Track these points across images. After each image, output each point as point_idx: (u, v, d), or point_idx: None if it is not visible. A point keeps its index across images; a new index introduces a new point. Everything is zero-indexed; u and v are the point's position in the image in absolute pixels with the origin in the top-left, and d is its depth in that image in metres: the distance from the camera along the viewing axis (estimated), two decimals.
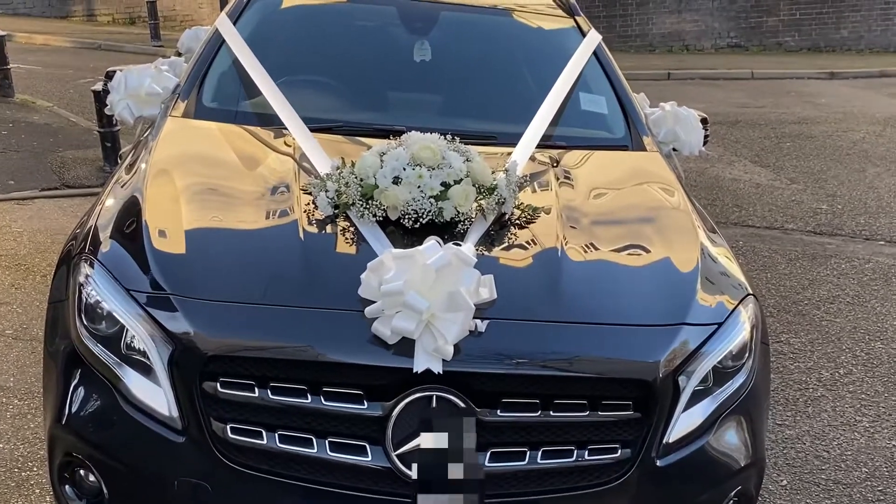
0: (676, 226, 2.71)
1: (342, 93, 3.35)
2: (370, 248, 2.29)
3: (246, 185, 2.62)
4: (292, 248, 2.31)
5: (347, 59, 3.43)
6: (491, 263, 2.33)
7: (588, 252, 2.45)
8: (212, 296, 2.14)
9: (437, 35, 3.56)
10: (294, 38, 3.56)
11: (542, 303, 2.24)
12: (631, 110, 3.37)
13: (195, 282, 2.18)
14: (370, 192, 2.42)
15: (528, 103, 3.22)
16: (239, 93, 3.21)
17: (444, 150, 2.50)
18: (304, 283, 2.20)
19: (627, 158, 3.20)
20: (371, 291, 2.12)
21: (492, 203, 2.48)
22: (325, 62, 3.45)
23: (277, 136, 2.97)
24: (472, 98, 3.41)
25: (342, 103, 3.31)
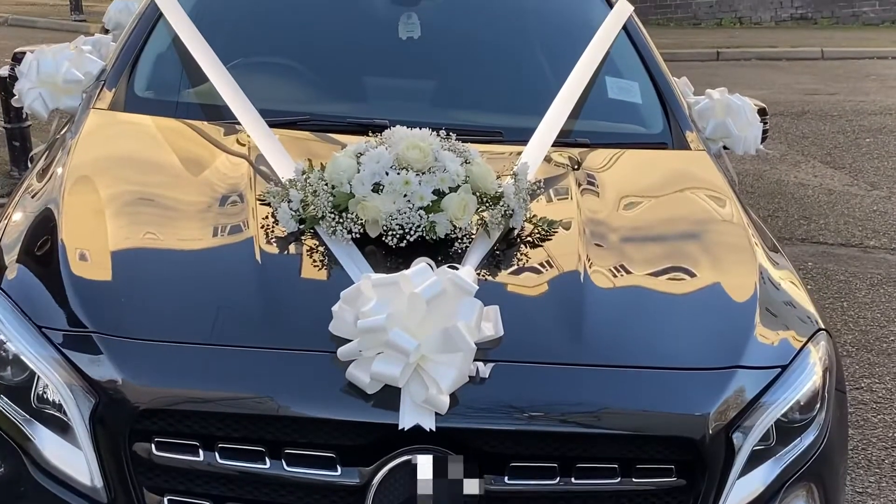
0: (729, 243, 2.72)
1: (309, 78, 3.36)
2: (344, 274, 2.29)
3: (188, 194, 2.62)
4: (246, 274, 2.31)
5: (315, 37, 3.45)
6: (496, 291, 2.33)
7: (617, 277, 2.46)
8: (145, 334, 2.14)
9: (427, 6, 3.58)
10: (249, 10, 3.58)
11: (561, 341, 2.24)
12: (670, 99, 3.38)
13: (124, 317, 2.18)
14: (344, 203, 2.42)
15: (541, 91, 3.23)
16: (180, 79, 3.22)
17: (437, 150, 2.50)
18: (261, 317, 2.20)
19: (666, 159, 3.20)
20: (345, 328, 2.11)
21: (497, 216, 2.48)
22: (288, 40, 3.46)
23: (228, 132, 2.98)
24: (472, 84, 3.41)
25: (309, 92, 3.31)
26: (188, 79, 3.20)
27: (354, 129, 2.93)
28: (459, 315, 2.10)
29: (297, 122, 3.03)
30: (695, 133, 3.33)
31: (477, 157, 2.56)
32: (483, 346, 2.13)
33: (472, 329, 2.10)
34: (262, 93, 3.08)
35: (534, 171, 2.74)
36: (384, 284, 2.13)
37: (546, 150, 2.94)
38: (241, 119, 2.93)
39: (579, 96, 3.18)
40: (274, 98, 3.17)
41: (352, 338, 2.09)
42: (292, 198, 2.46)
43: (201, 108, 3.12)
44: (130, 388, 2.07)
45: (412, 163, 2.45)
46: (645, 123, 3.35)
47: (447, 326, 2.07)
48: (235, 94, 3.01)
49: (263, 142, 2.80)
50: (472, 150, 2.57)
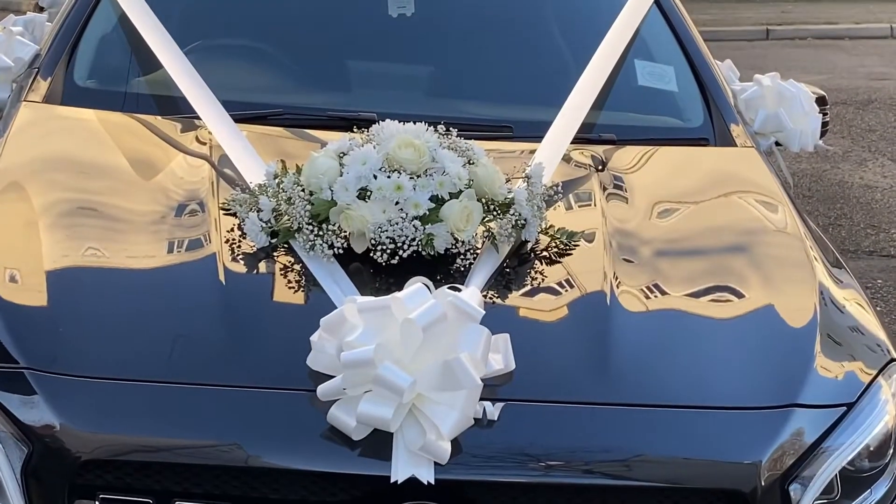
0: (782, 258, 2.73)
1: (281, 64, 3.37)
2: (324, 297, 2.29)
3: (138, 202, 2.62)
4: (208, 298, 2.32)
5: (288, 15, 3.46)
6: (506, 317, 2.33)
7: (650, 298, 2.46)
8: (87, 370, 2.14)
9: None
10: None
11: (584, 376, 2.25)
12: (712, 86, 3.38)
13: (62, 350, 2.18)
14: (324, 213, 2.42)
15: (558, 77, 3.24)
16: (128, 66, 3.23)
17: (435, 149, 2.50)
18: (225, 349, 2.20)
19: (708, 158, 3.21)
20: (326, 361, 2.11)
21: (506, 227, 2.48)
22: (256, 19, 3.47)
23: (186, 129, 2.98)
24: (476, 70, 3.42)
25: (281, 80, 3.33)
26: (138, 65, 3.21)
27: (336, 124, 2.93)
28: (462, 345, 2.10)
29: (267, 116, 3.04)
30: (741, 126, 3.34)
31: (482, 157, 2.55)
32: (491, 383, 2.12)
33: (477, 362, 2.09)
34: (226, 81, 3.09)
35: (550, 173, 2.73)
36: (372, 309, 2.12)
37: (564, 148, 2.94)
38: (200, 113, 2.93)
39: (603, 84, 3.18)
40: (240, 87, 3.18)
41: (334, 373, 2.08)
42: (262, 206, 2.46)
43: (153, 100, 3.12)
44: (70, 435, 2.07)
45: (405, 164, 2.45)
46: (682, 115, 3.36)
47: (448, 359, 2.06)
48: (194, 82, 3.00)
49: (227, 140, 2.80)
50: (477, 149, 2.57)
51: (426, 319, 2.08)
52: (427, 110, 2.97)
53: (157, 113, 3.07)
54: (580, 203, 2.81)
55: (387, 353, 2.05)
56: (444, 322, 2.09)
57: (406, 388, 2.02)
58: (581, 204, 2.81)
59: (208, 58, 3.20)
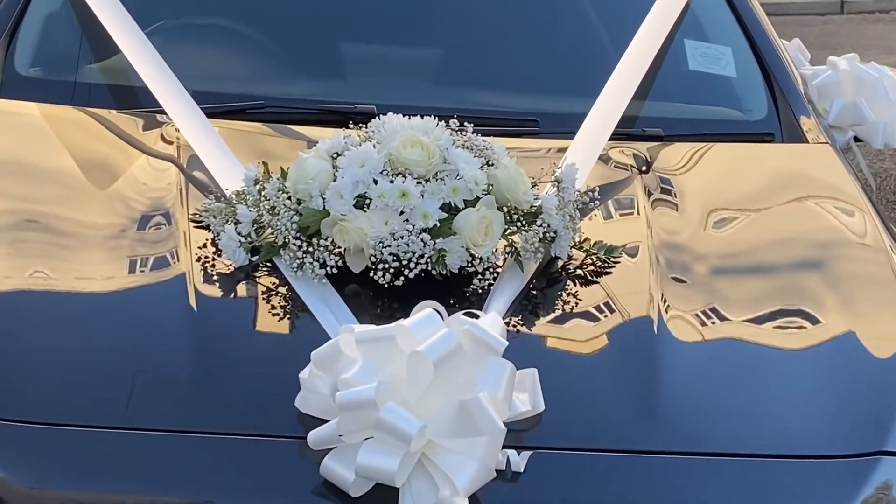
0: (864, 275, 2.74)
1: (262, 47, 3.40)
2: (315, 325, 2.30)
3: (92, 214, 2.63)
4: (177, 327, 2.32)
5: None
6: (533, 349, 2.35)
7: (706, 325, 2.48)
8: (31, 415, 2.14)
9: None
10: None
11: (626, 418, 2.25)
12: (778, 71, 3.40)
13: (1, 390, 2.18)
14: (314, 225, 2.42)
15: (593, 61, 3.29)
16: (79, 51, 3.25)
17: (447, 148, 2.50)
18: (197, 389, 2.21)
19: (773, 156, 3.23)
20: (318, 403, 2.12)
21: (533, 240, 2.48)
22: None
23: (149, 125, 3.00)
24: (495, 53, 3.44)
25: (262, 66, 3.35)
26: (90, 50, 3.23)
27: (328, 119, 2.95)
28: (481, 383, 2.09)
29: (246, 110, 3.05)
30: (813, 119, 3.35)
31: (503, 157, 2.55)
32: (516, 427, 2.12)
33: (499, 403, 2.08)
34: (197, 68, 3.13)
35: (585, 176, 2.74)
36: (373, 340, 2.12)
37: (602, 146, 2.95)
38: (165, 106, 2.94)
39: (647, 68, 3.19)
40: (213, 76, 3.21)
41: (328, 417, 2.08)
42: (241, 218, 2.46)
43: (109, 92, 3.15)
44: (12, 491, 2.06)
45: (411, 166, 2.45)
46: (741, 106, 3.38)
47: (464, 399, 2.06)
48: (158, 70, 3.02)
49: (198, 138, 2.81)
50: (497, 147, 2.57)
51: (438, 352, 2.07)
52: (437, 101, 3.02)
53: (113, 107, 3.08)
54: (621, 211, 2.83)
55: (391, 393, 2.04)
56: (459, 355, 2.08)
57: (414, 434, 2.01)
58: (622, 212, 2.83)
59: (175, 40, 3.23)
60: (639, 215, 2.77)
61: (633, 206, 2.82)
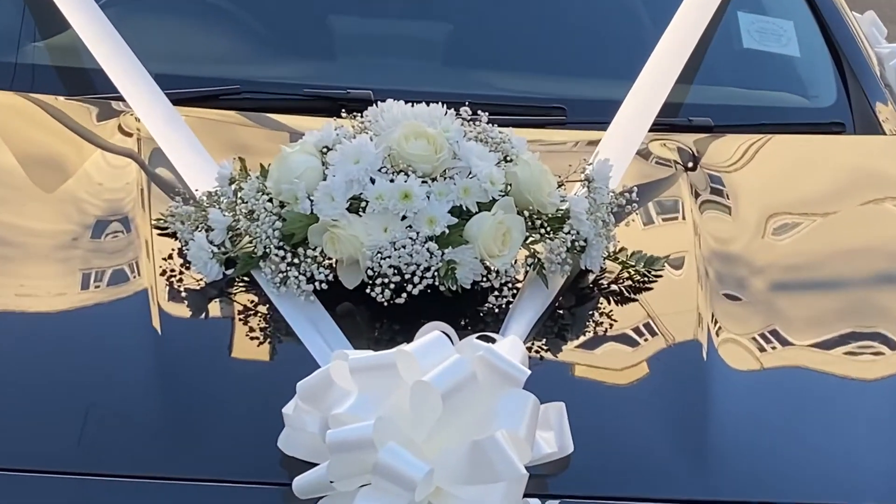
0: None
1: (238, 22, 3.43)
2: (302, 351, 2.28)
3: (38, 219, 2.65)
4: (138, 354, 2.30)
5: None
6: (560, 379, 2.34)
7: (765, 352, 2.46)
8: None
9: None
10: None
11: (670, 462, 2.22)
12: (849, 49, 3.44)
13: None
14: (300, 232, 2.41)
15: (630, 39, 3.32)
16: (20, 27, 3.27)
17: (458, 140, 2.48)
18: (164, 427, 2.19)
19: (844, 150, 3.25)
20: (305, 443, 2.09)
21: (559, 250, 2.46)
22: None
23: (104, 114, 3.02)
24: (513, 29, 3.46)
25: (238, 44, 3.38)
26: (36, 26, 3.25)
27: (316, 106, 2.99)
28: (499, 420, 2.06)
29: (219, 96, 3.07)
30: (890, 105, 3.39)
31: (524, 152, 2.53)
32: (540, 472, 2.09)
33: (520, 443, 2.05)
34: (160, 47, 3.14)
35: (621, 174, 2.74)
36: (370, 369, 2.09)
37: (640, 138, 2.95)
38: (124, 91, 2.96)
39: (694, 47, 3.21)
40: (179, 56, 3.22)
41: (316, 460, 2.05)
42: (213, 224, 2.45)
43: (57, 75, 3.17)
44: None
45: (415, 162, 2.43)
46: (806, 91, 3.40)
47: (479, 439, 2.02)
48: (115, 49, 3.04)
49: (163, 129, 2.82)
50: (517, 139, 2.55)
51: (447, 382, 2.03)
52: (445, 86, 3.03)
53: (62, 93, 3.10)
54: (663, 215, 2.83)
55: (391, 431, 2.01)
56: (472, 386, 2.05)
57: (419, 479, 1.97)
58: (664, 216, 2.83)
59: (135, 14, 3.27)
60: (684, 220, 2.77)
61: (677, 209, 2.83)
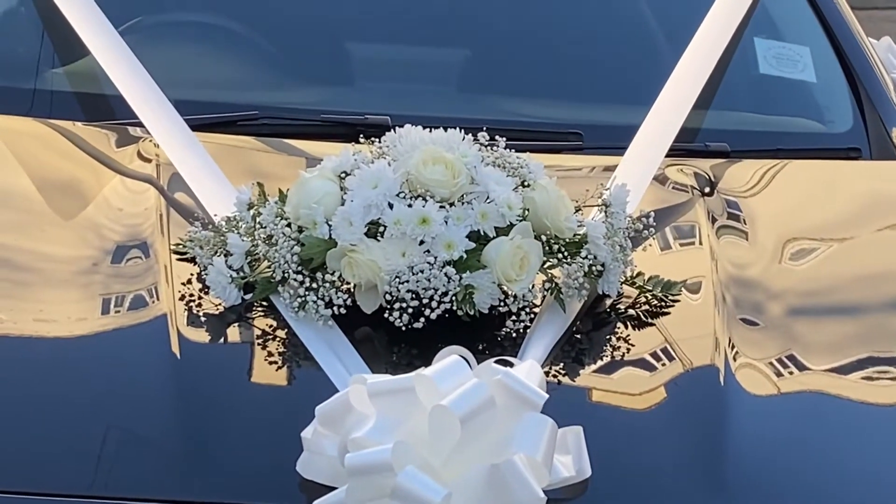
0: None
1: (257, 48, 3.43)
2: (321, 375, 2.30)
3: (57, 245, 2.67)
4: (157, 378, 2.33)
5: None
6: (578, 403, 2.36)
7: (782, 377, 2.48)
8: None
9: None
10: None
11: (687, 486, 2.25)
12: (865, 74, 3.43)
13: None
14: (319, 257, 2.43)
15: (647, 64, 3.32)
16: (40, 53, 3.28)
17: (475, 166, 2.51)
18: (182, 451, 2.22)
19: (861, 175, 3.26)
20: (323, 467, 2.12)
21: (577, 275, 2.49)
22: None
23: (123, 140, 3.03)
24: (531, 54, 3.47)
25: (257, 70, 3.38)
26: (54, 51, 3.26)
27: (334, 132, 2.99)
28: (517, 443, 2.09)
29: (237, 122, 3.09)
30: None
31: (542, 177, 2.56)
32: (557, 496, 2.12)
33: (538, 466, 2.08)
34: (179, 73, 3.17)
35: (638, 199, 2.76)
36: (389, 393, 2.12)
37: (657, 163, 2.97)
38: (143, 117, 2.97)
39: (710, 73, 3.21)
40: (199, 82, 3.25)
41: (335, 484, 2.08)
42: (232, 249, 2.48)
43: (76, 101, 3.19)
44: None
45: (433, 187, 2.46)
46: (822, 116, 3.42)
47: (497, 463, 2.05)
48: (134, 75, 3.04)
49: (182, 155, 2.83)
50: (534, 164, 2.58)
51: (465, 406, 2.07)
52: (462, 111, 3.06)
53: (82, 119, 3.11)
54: (680, 240, 2.85)
55: (410, 455, 2.04)
56: (490, 410, 2.08)
57: (438, 503, 2.00)
58: (681, 241, 2.85)
59: (154, 40, 3.26)
60: (701, 245, 2.78)
61: (694, 234, 2.84)
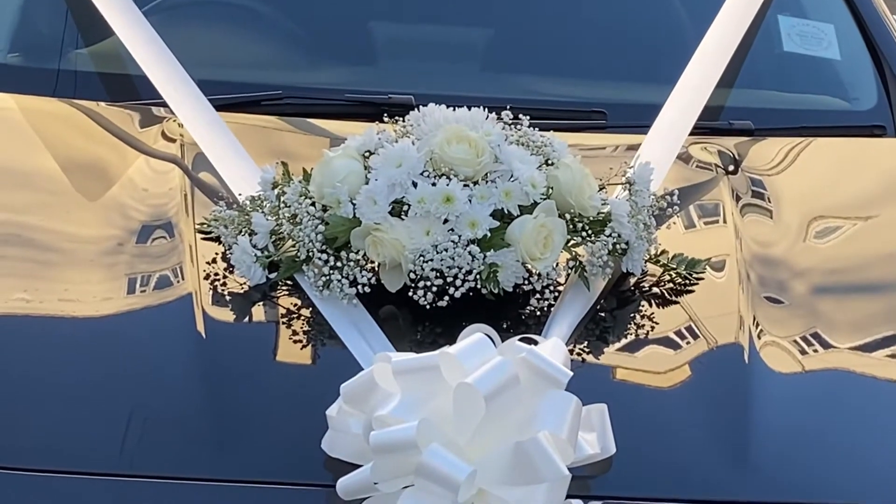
0: None
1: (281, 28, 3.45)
2: (345, 354, 2.32)
3: (83, 225, 2.68)
4: (182, 357, 2.35)
5: None
6: (602, 381, 2.37)
7: (807, 355, 2.49)
8: (18, 460, 2.16)
9: None
10: None
11: (712, 464, 2.26)
12: (890, 52, 3.43)
13: None
14: (343, 236, 2.45)
15: (670, 42, 3.34)
16: (63, 34, 3.30)
17: (499, 144, 2.52)
18: (208, 428, 2.23)
19: (886, 153, 3.26)
20: (349, 445, 2.13)
21: (601, 253, 2.50)
22: None
23: (147, 120, 3.04)
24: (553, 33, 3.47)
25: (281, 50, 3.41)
26: (78, 33, 3.28)
27: (358, 111, 3.00)
28: (542, 421, 2.09)
29: (261, 101, 3.10)
30: None
31: (565, 155, 2.56)
32: (582, 473, 2.14)
33: (563, 444, 2.09)
34: (204, 54, 3.18)
35: (662, 177, 2.77)
36: (413, 371, 2.13)
37: (681, 142, 2.97)
38: (167, 97, 2.99)
39: (734, 51, 3.22)
40: (223, 62, 3.27)
41: (360, 461, 2.09)
42: (256, 228, 2.49)
43: (101, 81, 3.21)
44: None
45: (457, 166, 2.46)
46: (847, 94, 3.42)
47: (521, 440, 2.05)
48: (158, 55, 3.06)
49: (206, 135, 2.85)
50: (558, 143, 2.59)
51: (490, 384, 2.07)
52: (485, 90, 3.04)
53: (106, 99, 3.13)
54: (704, 218, 2.86)
55: (434, 433, 2.05)
56: (515, 388, 2.08)
57: (462, 480, 2.01)
58: (706, 220, 2.86)
59: (178, 21, 3.28)
60: (726, 223, 2.79)
61: (718, 212, 2.85)
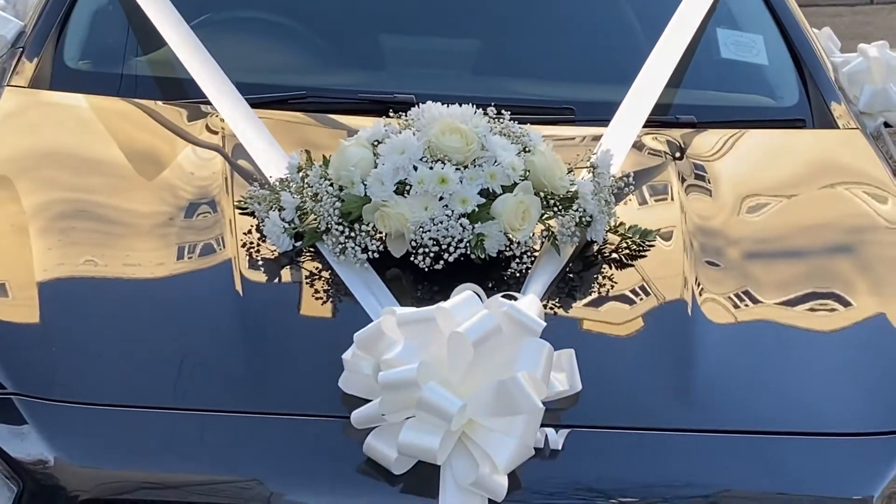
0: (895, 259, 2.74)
1: (304, 39, 3.41)
2: (358, 308, 2.32)
3: (140, 202, 2.66)
4: (223, 311, 2.35)
5: None
6: (570, 330, 2.36)
7: (739, 308, 2.48)
8: (85, 396, 2.16)
9: None
10: None
11: (661, 397, 2.26)
12: (809, 58, 3.41)
13: (56, 373, 2.20)
14: (356, 211, 2.45)
15: (628, 50, 3.29)
16: (125, 44, 3.27)
17: (485, 135, 2.52)
18: (243, 370, 2.23)
19: (804, 142, 3.24)
20: (361, 383, 2.13)
21: (569, 224, 2.50)
22: None
23: (194, 115, 3.03)
24: (531, 43, 3.44)
25: (304, 57, 3.37)
26: (137, 43, 3.26)
27: (368, 108, 2.99)
28: (520, 363, 2.10)
29: (288, 100, 3.08)
30: (843, 105, 3.36)
31: (540, 144, 2.56)
32: (553, 406, 2.14)
33: (538, 382, 2.09)
34: (240, 60, 3.14)
35: (620, 162, 2.76)
36: (414, 322, 2.13)
37: (636, 133, 2.96)
38: (211, 97, 2.98)
39: (681, 57, 3.21)
40: (256, 67, 3.22)
41: (370, 397, 2.10)
42: (285, 204, 2.49)
43: (156, 83, 3.18)
44: (67, 471, 2.08)
45: (450, 152, 2.47)
46: (773, 93, 3.39)
47: (503, 379, 2.06)
48: (203, 62, 3.05)
49: (243, 128, 2.84)
50: (534, 134, 2.59)
51: (477, 333, 2.08)
52: (474, 90, 3.02)
53: (160, 98, 3.11)
54: (655, 196, 2.84)
55: (432, 373, 2.06)
56: (498, 336, 2.09)
57: (455, 412, 2.02)
58: (656, 197, 2.84)
59: (219, 33, 3.24)
60: (673, 200, 2.79)
61: (667, 191, 2.84)
